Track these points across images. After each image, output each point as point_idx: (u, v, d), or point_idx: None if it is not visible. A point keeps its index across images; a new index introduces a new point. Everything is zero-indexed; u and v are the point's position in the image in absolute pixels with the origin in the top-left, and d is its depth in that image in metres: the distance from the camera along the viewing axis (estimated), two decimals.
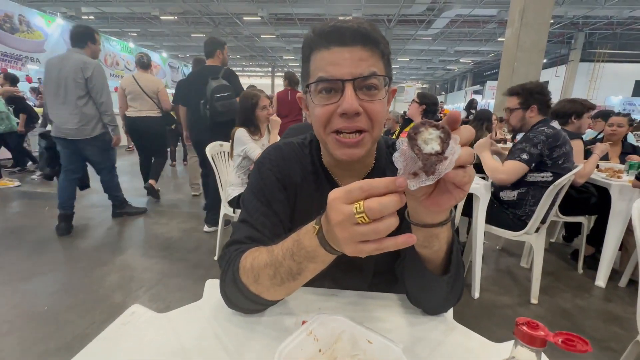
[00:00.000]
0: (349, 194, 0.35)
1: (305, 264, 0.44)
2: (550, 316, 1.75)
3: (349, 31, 0.51)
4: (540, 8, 4.33)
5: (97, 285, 1.91)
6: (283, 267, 0.46)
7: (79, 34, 2.48)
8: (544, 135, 1.69)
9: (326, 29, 0.52)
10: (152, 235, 2.68)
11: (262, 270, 0.49)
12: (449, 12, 12.00)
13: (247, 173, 2.08)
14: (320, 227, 0.41)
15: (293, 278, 0.47)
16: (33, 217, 3.01)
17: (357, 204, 0.34)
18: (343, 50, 0.51)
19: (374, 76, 0.51)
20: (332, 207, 0.36)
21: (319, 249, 0.41)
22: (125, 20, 14.95)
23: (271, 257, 0.48)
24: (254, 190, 0.65)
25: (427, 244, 0.47)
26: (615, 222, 2.01)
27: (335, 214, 0.35)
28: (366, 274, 0.70)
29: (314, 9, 12.40)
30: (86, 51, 2.51)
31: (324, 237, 0.40)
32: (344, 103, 0.50)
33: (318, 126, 0.56)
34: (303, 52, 0.58)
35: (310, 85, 0.54)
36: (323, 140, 0.57)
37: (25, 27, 6.76)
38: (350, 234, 0.35)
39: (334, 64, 0.51)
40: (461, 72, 25.67)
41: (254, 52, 20.68)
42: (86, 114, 2.48)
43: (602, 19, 12.81)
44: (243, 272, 0.51)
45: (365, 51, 0.51)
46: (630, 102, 15.82)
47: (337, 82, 0.51)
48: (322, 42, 0.53)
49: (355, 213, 0.34)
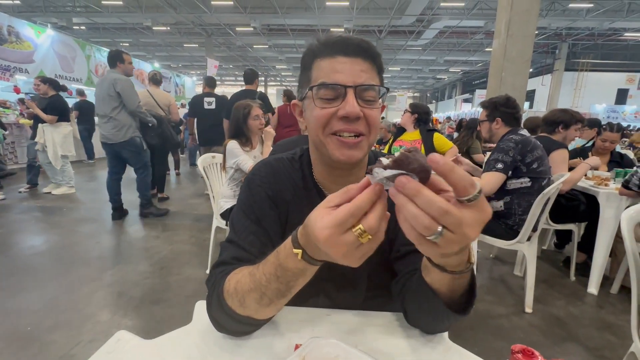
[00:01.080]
0: (343, 225, 0.34)
1: (294, 281, 0.45)
2: (545, 325, 1.75)
3: (353, 44, 0.54)
4: (525, 20, 4.47)
5: (84, 302, 1.85)
6: (270, 289, 0.46)
7: (110, 57, 3.03)
8: (513, 142, 1.76)
9: (332, 40, 0.55)
10: (142, 249, 2.62)
11: (247, 294, 0.48)
12: (437, 23, 12.33)
13: (240, 185, 2.06)
14: (303, 251, 0.41)
15: (282, 296, 0.47)
16: (19, 232, 2.92)
17: (357, 229, 0.34)
18: (346, 60, 0.54)
19: (374, 86, 0.55)
20: (330, 244, 0.35)
21: (307, 266, 0.42)
22: (117, 31, 14.94)
23: (254, 281, 0.47)
24: (244, 208, 0.63)
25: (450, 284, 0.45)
26: (604, 229, 2.04)
27: (338, 248, 0.35)
28: (359, 289, 0.69)
29: (305, 20, 12.60)
30: (118, 70, 3.01)
31: (310, 257, 0.41)
32: (347, 106, 0.52)
33: (317, 127, 0.56)
34: (304, 60, 0.60)
35: (312, 89, 0.55)
36: (321, 142, 0.57)
37: (15, 38, 6.69)
38: (356, 257, 0.36)
39: (337, 72, 0.54)
40: (451, 81, 26.22)
41: (246, 62, 20.82)
42: (119, 121, 2.95)
43: (584, 31, 13.32)
44: (227, 295, 0.50)
45: (365, 63, 0.55)
46: (613, 109, 16.32)
47: (340, 88, 0.53)
48: (327, 51, 0.55)
49: (359, 237, 0.34)
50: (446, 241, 0.31)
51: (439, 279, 0.44)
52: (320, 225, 0.35)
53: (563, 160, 2.10)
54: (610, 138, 2.45)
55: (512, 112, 1.88)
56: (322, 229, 0.35)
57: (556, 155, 2.07)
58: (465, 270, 0.42)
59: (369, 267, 0.68)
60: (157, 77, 3.81)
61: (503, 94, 1.97)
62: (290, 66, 21.78)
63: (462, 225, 0.30)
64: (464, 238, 0.31)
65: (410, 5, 10.67)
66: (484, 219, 0.31)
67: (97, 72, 9.07)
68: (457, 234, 0.30)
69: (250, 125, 2.10)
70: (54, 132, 3.96)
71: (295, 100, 0.65)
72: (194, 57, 19.36)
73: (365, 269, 0.68)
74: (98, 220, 3.26)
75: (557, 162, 2.06)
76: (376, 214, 0.34)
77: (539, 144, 1.80)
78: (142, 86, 10.95)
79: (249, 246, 0.59)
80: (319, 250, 0.38)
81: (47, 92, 3.85)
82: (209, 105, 3.74)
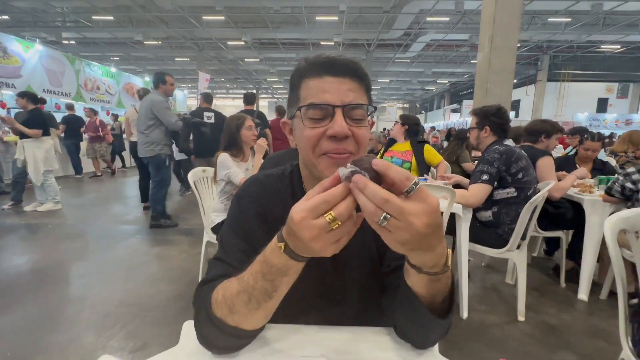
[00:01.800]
0: (315, 210, 0.38)
1: (279, 279, 0.46)
2: (538, 333, 1.76)
3: (340, 64, 0.55)
4: (507, 34, 4.65)
5: (68, 324, 1.78)
6: (256, 289, 0.47)
7: (154, 79, 3.42)
8: (497, 153, 1.80)
9: (320, 60, 0.56)
10: (129, 266, 2.56)
11: (236, 298, 0.48)
12: (424, 37, 12.70)
13: (230, 198, 2.05)
14: (285, 244, 0.43)
15: (269, 297, 0.47)
16: (1, 250, 2.82)
17: (328, 215, 0.38)
18: (334, 80, 0.55)
19: (361, 105, 0.55)
20: (302, 226, 0.38)
21: (290, 262, 0.44)
22: (108, 45, 14.94)
23: (241, 283, 0.48)
24: (232, 225, 0.63)
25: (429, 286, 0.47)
26: (591, 235, 2.08)
27: (309, 231, 0.38)
28: (351, 303, 0.68)
29: (296, 34, 12.84)
30: (160, 91, 3.33)
31: (292, 251, 0.43)
32: (335, 125, 0.53)
33: (307, 148, 0.56)
34: (292, 80, 0.61)
35: (301, 109, 0.56)
36: (312, 162, 0.57)
37: (2, 53, 6.63)
38: (326, 241, 0.39)
39: (325, 91, 0.54)
40: (439, 92, 26.84)
41: (238, 75, 20.99)
42: (150, 139, 3.29)
43: (564, 43, 13.88)
44: (216, 305, 0.50)
45: (353, 83, 0.56)
46: (595, 118, 16.92)
47: (328, 108, 0.54)
48: (314, 71, 0.56)
49: (330, 222, 0.38)
50: (394, 227, 0.36)
51: (417, 280, 0.47)
52: (296, 209, 0.39)
53: (549, 167, 2.15)
54: (592, 147, 2.54)
55: (501, 122, 1.92)
56: (298, 212, 0.39)
57: (542, 163, 2.12)
58: (441, 272, 0.45)
59: (360, 281, 0.69)
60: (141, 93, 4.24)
61: (495, 104, 2.00)
62: (282, 79, 22.02)
63: (404, 213, 0.35)
64: (410, 225, 0.35)
65: (398, 20, 11.00)
66: (429, 210, 0.36)
67: (87, 87, 9.02)
68: (401, 220, 0.35)
69: (243, 136, 2.10)
70: (35, 148, 3.88)
71: (284, 118, 0.65)
72: (186, 70, 19.43)
73: (356, 284, 0.68)
74: (84, 237, 3.18)
75: (544, 170, 2.11)
76: (345, 204, 0.38)
77: (523, 154, 1.85)
78: (133, 100, 10.91)
79: (237, 263, 0.58)
80: (299, 241, 0.40)
81: (26, 106, 3.80)
82: (208, 119, 3.91)
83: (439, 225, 0.38)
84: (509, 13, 4.61)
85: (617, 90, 17.82)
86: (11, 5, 10.28)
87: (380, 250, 0.65)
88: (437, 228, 0.38)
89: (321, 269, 0.63)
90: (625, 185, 1.85)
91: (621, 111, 17.35)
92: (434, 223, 0.37)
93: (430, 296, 0.48)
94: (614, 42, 13.54)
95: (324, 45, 14.45)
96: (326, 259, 0.53)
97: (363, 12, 11.12)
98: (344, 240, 0.40)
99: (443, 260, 0.44)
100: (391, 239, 0.38)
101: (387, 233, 0.37)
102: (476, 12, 9.58)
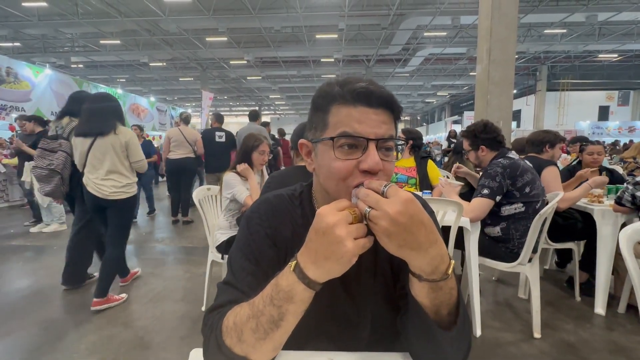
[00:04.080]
0: (339, 204, 0.47)
1: (285, 306, 0.45)
2: (555, 352, 1.69)
3: (376, 95, 0.53)
4: (505, 46, 4.72)
5: (72, 348, 1.74)
6: (264, 315, 0.46)
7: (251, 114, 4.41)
8: (501, 167, 1.74)
9: (355, 88, 0.53)
10: (133, 286, 2.52)
11: (245, 325, 0.48)
12: (422, 51, 12.96)
13: (236, 216, 2.04)
14: (296, 262, 0.45)
15: (276, 325, 0.46)
16: (3, 273, 2.81)
17: (350, 209, 0.45)
18: (369, 110, 0.53)
19: (395, 139, 0.55)
20: (327, 211, 0.44)
21: (297, 285, 0.44)
22: (114, 68, 15.40)
23: (252, 308, 0.48)
24: (242, 248, 0.62)
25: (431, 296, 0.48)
26: (603, 247, 2.03)
27: (332, 217, 0.43)
28: (363, 328, 0.66)
29: (297, 52, 13.16)
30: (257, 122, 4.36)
31: (301, 270, 0.45)
32: (370, 160, 0.51)
33: (335, 179, 0.54)
34: (320, 101, 0.58)
35: (333, 139, 0.53)
36: (336, 192, 0.55)
37: (13, 78, 6.85)
38: (347, 231, 0.43)
39: (360, 122, 0.53)
40: (440, 104, 27.10)
41: (240, 92, 21.42)
42: None
43: (561, 53, 14.07)
44: (226, 332, 0.49)
45: (387, 115, 0.55)
46: (597, 126, 16.90)
47: (362, 140, 0.52)
48: (348, 98, 0.54)
49: (351, 214, 0.44)
50: (375, 217, 0.42)
51: (419, 289, 0.48)
52: (323, 207, 0.46)
53: (555, 177, 2.12)
54: (595, 150, 2.50)
55: (493, 136, 1.88)
56: (324, 207, 0.46)
57: (547, 173, 2.09)
58: (440, 279, 0.46)
59: (373, 304, 0.66)
60: (187, 117, 4.49)
61: (480, 120, 1.98)
62: (284, 95, 22.42)
63: (379, 203, 0.42)
64: (385, 213, 0.41)
65: (396, 36, 11.26)
66: (399, 200, 0.42)
67: None
68: (378, 210, 0.42)
69: (254, 159, 2.12)
70: None
71: (303, 139, 0.63)
72: (189, 89, 19.88)
73: (369, 307, 0.66)
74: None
75: (549, 180, 2.07)
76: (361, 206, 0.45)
77: (529, 166, 1.81)
78: (138, 120, 11.11)
79: (246, 288, 0.57)
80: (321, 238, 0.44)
81: (34, 129, 3.86)
82: (219, 138, 4.23)
83: (413, 215, 0.41)
84: (505, 26, 4.70)
85: (618, 98, 17.87)
86: (23, 32, 10.70)
87: (395, 272, 0.63)
88: (414, 219, 0.42)
89: (332, 292, 0.61)
90: (635, 194, 1.82)
91: (623, 119, 17.34)
92: (406, 211, 0.41)
93: (435, 307, 0.48)
94: (610, 52, 13.70)
95: (324, 62, 14.77)
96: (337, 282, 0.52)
97: (362, 30, 11.42)
98: (363, 240, 0.44)
99: (442, 267, 0.46)
100: (378, 232, 0.43)
101: (373, 225, 0.43)
102: (472, 26, 9.79)
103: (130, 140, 2.17)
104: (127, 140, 2.15)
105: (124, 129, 2.20)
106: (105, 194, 2.10)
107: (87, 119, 2.14)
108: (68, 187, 2.33)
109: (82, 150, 2.12)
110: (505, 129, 4.49)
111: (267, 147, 2.16)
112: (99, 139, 2.09)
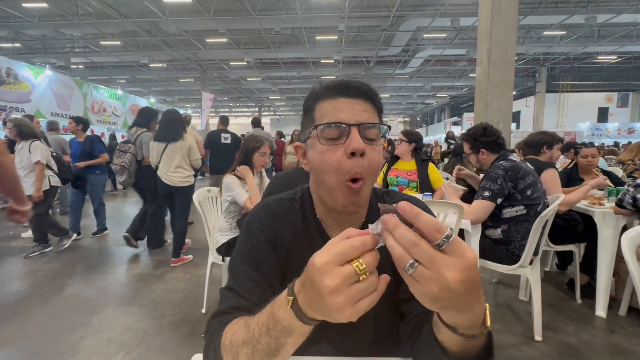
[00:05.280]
0: (342, 255, 0.34)
1: (284, 339, 0.41)
2: (556, 354, 1.68)
3: (354, 86, 0.57)
4: (504, 48, 4.73)
5: (71, 352, 1.73)
6: (260, 344, 0.43)
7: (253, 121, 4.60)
8: (502, 169, 1.74)
9: (334, 83, 0.58)
10: (133, 289, 2.52)
11: (240, 348, 0.45)
12: (422, 52, 12.98)
13: (236, 218, 2.04)
14: (294, 299, 0.39)
15: (273, 355, 0.43)
16: (4, 276, 2.80)
17: (356, 262, 0.34)
18: (350, 101, 0.57)
19: (375, 124, 0.56)
20: (325, 271, 0.34)
21: (295, 321, 0.39)
22: (114, 69, 15.40)
23: (248, 333, 0.45)
24: (242, 253, 0.62)
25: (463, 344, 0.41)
26: (604, 249, 2.03)
27: (332, 279, 0.34)
28: (365, 333, 0.65)
29: (297, 53, 13.17)
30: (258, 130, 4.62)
31: (299, 308, 0.39)
32: (352, 142, 0.53)
33: (331, 172, 0.55)
34: (307, 104, 0.62)
35: (317, 127, 0.56)
36: (331, 188, 0.56)
37: (13, 79, 6.85)
38: (347, 297, 0.34)
39: (340, 111, 0.56)
40: (439, 106, 27.14)
41: (240, 93, 21.44)
42: None
43: (560, 55, 14.10)
44: (224, 349, 0.48)
45: (366, 104, 0.57)
46: (597, 127, 16.94)
47: (344, 126, 0.55)
48: (329, 93, 0.58)
49: (358, 271, 0.34)
50: (422, 277, 0.32)
51: (449, 339, 0.41)
52: (320, 254, 0.35)
53: (554, 180, 2.12)
54: (589, 152, 2.49)
55: (493, 139, 1.88)
56: (321, 257, 0.35)
57: (546, 176, 2.09)
58: (479, 335, 0.38)
59: (375, 309, 0.66)
60: (187, 118, 4.33)
61: (479, 124, 1.97)
62: (283, 96, 22.45)
63: (435, 263, 0.31)
64: (441, 278, 0.31)
65: (396, 37, 11.28)
66: (465, 265, 0.32)
67: (94, 109, 9.23)
68: (431, 270, 0.32)
69: (255, 159, 2.12)
70: None
71: (297, 142, 0.64)
72: (189, 90, 19.89)
73: (371, 312, 0.65)
74: (86, 259, 3.15)
75: (549, 182, 2.07)
76: (374, 254, 0.35)
77: (530, 168, 1.81)
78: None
79: (248, 294, 0.57)
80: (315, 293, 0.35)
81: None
82: (225, 140, 4.23)
83: (475, 283, 0.33)
84: (504, 28, 4.71)
85: (617, 99, 17.92)
86: (23, 33, 10.71)
87: (397, 276, 0.63)
88: (473, 286, 0.33)
89: None
90: (636, 196, 1.82)
91: (622, 120, 17.38)
92: (470, 280, 0.32)
93: (462, 352, 0.41)
94: (610, 53, 13.73)
95: (324, 63, 14.79)
96: None
97: (362, 31, 11.44)
98: (369, 301, 0.35)
99: (481, 320, 0.38)
100: (419, 292, 0.33)
101: (415, 283, 0.33)
102: (472, 27, 9.81)
103: (192, 144, 2.95)
104: (190, 144, 2.93)
105: (187, 136, 2.95)
106: (175, 182, 2.86)
107: (163, 129, 2.89)
108: (134, 178, 3.16)
109: (159, 151, 2.86)
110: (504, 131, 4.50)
111: (268, 148, 2.17)
112: (171, 143, 2.84)
